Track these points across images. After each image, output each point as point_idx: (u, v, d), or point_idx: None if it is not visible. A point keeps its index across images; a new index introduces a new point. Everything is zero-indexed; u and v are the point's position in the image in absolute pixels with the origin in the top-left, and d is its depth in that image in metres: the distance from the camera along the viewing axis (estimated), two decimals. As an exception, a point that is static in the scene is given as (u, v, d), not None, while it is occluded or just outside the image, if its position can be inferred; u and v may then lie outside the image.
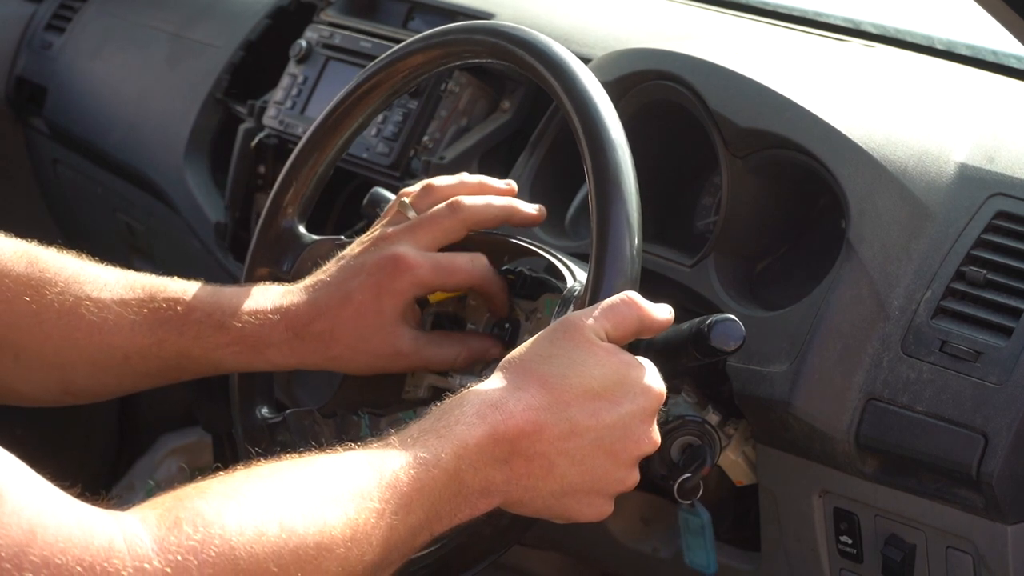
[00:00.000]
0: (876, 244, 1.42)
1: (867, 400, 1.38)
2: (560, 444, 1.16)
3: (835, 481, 1.43)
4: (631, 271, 1.27)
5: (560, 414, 1.16)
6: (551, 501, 1.19)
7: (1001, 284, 1.36)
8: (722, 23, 2.00)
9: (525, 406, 1.15)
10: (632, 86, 1.63)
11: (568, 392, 1.17)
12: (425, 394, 1.49)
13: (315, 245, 1.54)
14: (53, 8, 2.81)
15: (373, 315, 1.42)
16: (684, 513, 1.50)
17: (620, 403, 1.18)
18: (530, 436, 1.15)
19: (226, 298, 1.44)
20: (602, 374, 1.18)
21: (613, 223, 1.27)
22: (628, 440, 1.19)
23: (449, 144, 1.94)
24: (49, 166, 2.81)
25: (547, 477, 1.17)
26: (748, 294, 1.54)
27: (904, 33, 1.90)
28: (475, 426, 1.14)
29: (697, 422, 1.45)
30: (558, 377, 1.17)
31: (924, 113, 1.56)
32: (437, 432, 1.13)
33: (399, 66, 1.50)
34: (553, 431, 1.16)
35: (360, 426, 1.48)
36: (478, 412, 1.15)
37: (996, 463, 1.31)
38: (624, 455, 1.20)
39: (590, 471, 1.18)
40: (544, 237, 1.69)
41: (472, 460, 1.13)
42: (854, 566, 1.45)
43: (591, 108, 1.32)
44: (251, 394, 1.54)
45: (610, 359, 1.19)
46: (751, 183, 1.55)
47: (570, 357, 1.18)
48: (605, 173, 1.29)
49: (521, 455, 1.15)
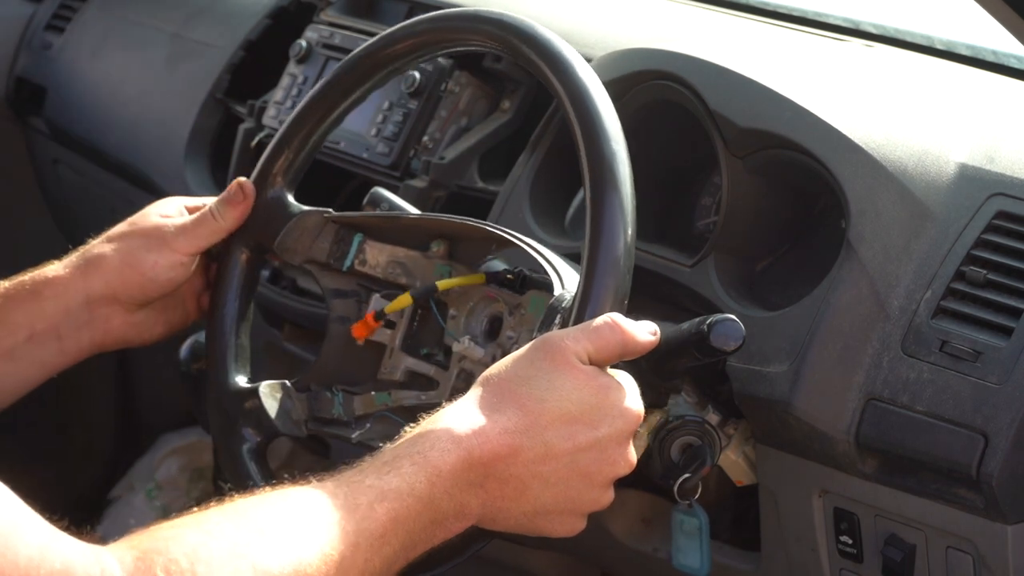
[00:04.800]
0: (876, 244, 1.42)
1: (867, 400, 1.38)
2: (535, 467, 1.16)
3: (835, 481, 1.43)
4: (621, 287, 1.26)
5: (536, 437, 1.16)
6: (523, 520, 1.19)
7: (1001, 284, 1.36)
8: (722, 23, 2.00)
9: (501, 429, 1.15)
10: (632, 86, 1.63)
11: (545, 415, 1.16)
12: (401, 377, 1.48)
13: (303, 216, 1.52)
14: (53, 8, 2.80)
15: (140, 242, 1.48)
16: (679, 514, 1.50)
17: (597, 426, 1.18)
18: (505, 459, 1.15)
19: None
20: (580, 397, 1.18)
21: (606, 236, 1.26)
22: (604, 463, 1.19)
23: (449, 144, 1.94)
24: (49, 166, 2.81)
25: (520, 499, 1.17)
26: (748, 294, 1.54)
27: (904, 33, 1.90)
28: (450, 452, 1.13)
29: (697, 422, 1.45)
30: (536, 400, 1.17)
31: (924, 113, 1.56)
32: (411, 458, 1.13)
33: (400, 46, 1.49)
34: (528, 454, 1.16)
35: (333, 403, 1.47)
36: (453, 436, 1.14)
37: (996, 463, 1.31)
38: (599, 477, 1.20)
39: (564, 492, 1.18)
40: (544, 236, 1.69)
41: (447, 486, 1.13)
42: (854, 566, 1.45)
43: (594, 113, 1.31)
44: (225, 359, 1.52)
45: (589, 382, 1.18)
46: (751, 183, 1.55)
47: (549, 379, 1.17)
48: (603, 183, 1.28)
49: (495, 478, 1.15)
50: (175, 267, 1.48)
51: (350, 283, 1.53)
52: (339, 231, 1.52)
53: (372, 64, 1.51)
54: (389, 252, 1.50)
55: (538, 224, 1.70)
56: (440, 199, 1.91)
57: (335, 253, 1.52)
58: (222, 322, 1.52)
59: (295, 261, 1.53)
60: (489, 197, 1.83)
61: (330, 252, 1.52)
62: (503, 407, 1.16)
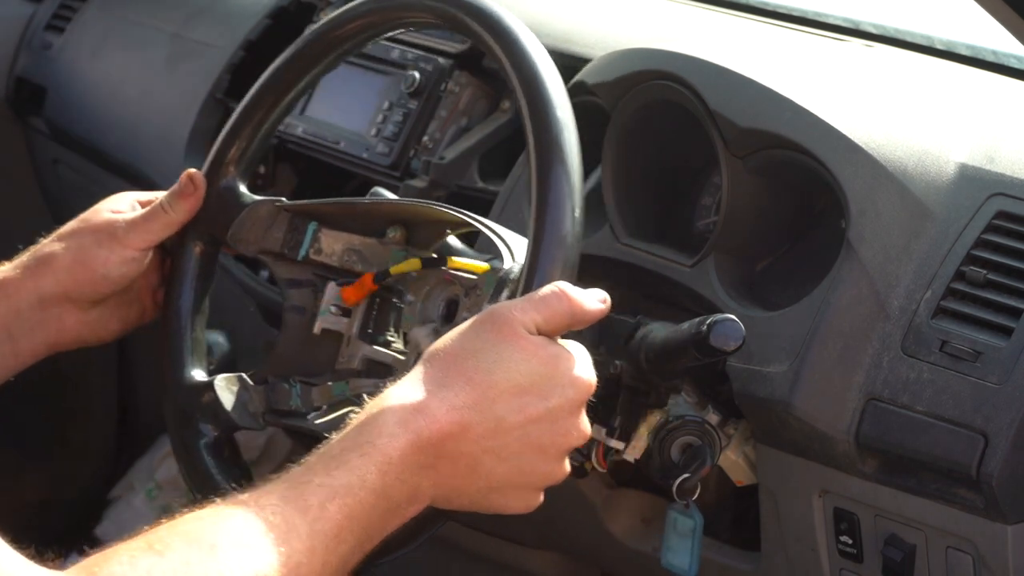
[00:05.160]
0: (876, 244, 1.42)
1: (867, 400, 1.38)
2: (486, 442, 1.14)
3: (835, 481, 1.43)
4: (568, 258, 1.23)
5: (486, 412, 1.13)
6: (477, 497, 1.16)
7: (1001, 284, 1.36)
8: (722, 23, 2.00)
9: (449, 406, 1.12)
10: (632, 86, 1.63)
11: (494, 388, 1.14)
12: (359, 366, 1.46)
13: (255, 206, 1.50)
14: (53, 8, 2.81)
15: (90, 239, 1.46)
16: (675, 513, 1.50)
17: (548, 397, 1.15)
18: (455, 437, 1.13)
19: None
20: (529, 368, 1.15)
21: (552, 207, 1.24)
22: (556, 434, 1.16)
23: (449, 144, 1.94)
24: (49, 166, 2.81)
25: (473, 476, 1.15)
26: (748, 294, 1.54)
27: (904, 33, 1.90)
28: (398, 436, 1.11)
29: (697, 422, 1.45)
30: (484, 373, 1.14)
31: (924, 113, 1.56)
32: (359, 449, 1.10)
33: (349, 27, 1.47)
34: (478, 430, 1.13)
35: (291, 395, 1.45)
36: (400, 420, 1.11)
37: (996, 463, 1.31)
38: (552, 449, 1.16)
39: (517, 467, 1.15)
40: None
41: (398, 473, 1.11)
42: (854, 566, 1.45)
43: (540, 84, 1.29)
44: (180, 353, 1.49)
45: (538, 352, 1.15)
46: (751, 183, 1.55)
47: (496, 351, 1.14)
48: (548, 153, 1.26)
49: (446, 457, 1.13)
50: (127, 263, 1.46)
51: (305, 272, 1.50)
52: (293, 220, 1.49)
53: (322, 47, 1.49)
54: (344, 240, 1.48)
55: (538, 224, 1.70)
56: (440, 199, 1.91)
57: (289, 242, 1.49)
58: (177, 316, 1.50)
59: (249, 252, 1.50)
60: (489, 197, 1.83)
61: (284, 241, 1.49)
62: (449, 382, 1.13)
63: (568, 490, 1.65)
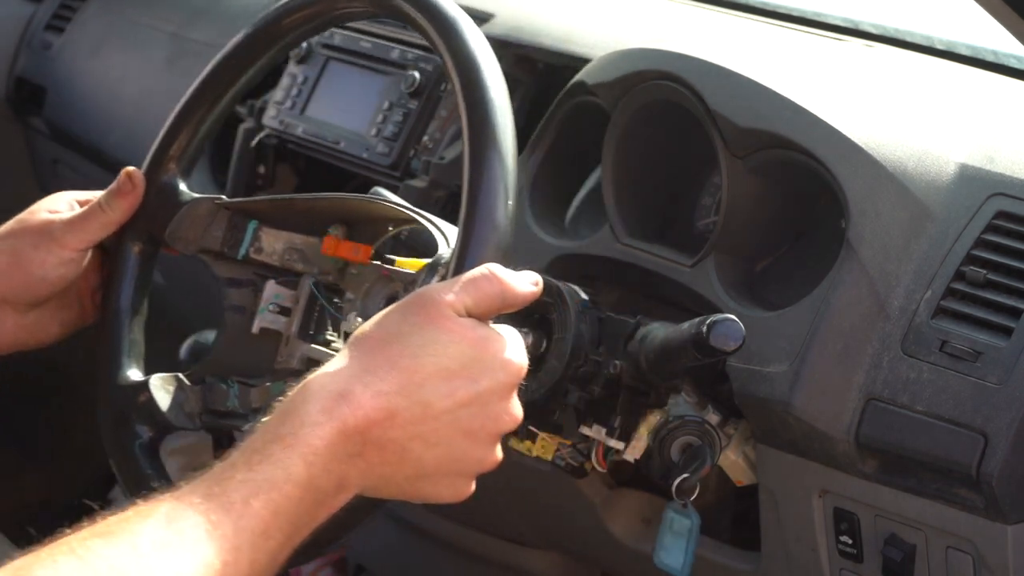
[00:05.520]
0: (876, 244, 1.42)
1: (867, 400, 1.38)
2: (413, 428, 1.09)
3: (835, 481, 1.43)
4: (501, 241, 1.21)
5: (413, 397, 1.09)
6: (406, 485, 1.12)
7: (1001, 284, 1.36)
8: (722, 23, 2.00)
9: (374, 392, 1.08)
10: (632, 86, 1.63)
11: (421, 372, 1.09)
12: (298, 365, 1.43)
13: (195, 203, 1.47)
14: (53, 8, 2.81)
15: None
16: (672, 512, 1.50)
17: (477, 380, 1.11)
18: (382, 424, 1.08)
19: None
20: (458, 351, 1.11)
21: (484, 189, 1.22)
22: (487, 418, 1.12)
23: (449, 144, 1.94)
24: (49, 166, 2.81)
25: (401, 463, 1.10)
26: (748, 294, 1.54)
27: (904, 33, 1.90)
28: (322, 425, 1.06)
29: (697, 422, 1.45)
30: (410, 356, 1.10)
31: (924, 113, 1.56)
32: (282, 441, 1.06)
33: (288, 21, 1.45)
34: (406, 415, 1.09)
35: (229, 395, 1.43)
36: (324, 407, 1.07)
37: (996, 463, 1.31)
38: (482, 434, 1.12)
39: (446, 453, 1.11)
40: (544, 236, 1.69)
41: (324, 463, 1.06)
42: (854, 566, 1.45)
43: (474, 66, 1.26)
44: (117, 353, 1.46)
45: (467, 335, 1.11)
46: (751, 183, 1.55)
47: (423, 334, 1.11)
48: (481, 135, 1.23)
49: (373, 444, 1.08)
50: (65, 264, 1.43)
51: (246, 272, 1.48)
52: (232, 218, 1.47)
53: (263, 43, 1.47)
54: (285, 239, 1.46)
55: (538, 224, 1.70)
56: (440, 199, 1.91)
57: (229, 241, 1.47)
58: (115, 316, 1.47)
59: (188, 251, 1.48)
60: (489, 197, 1.82)
61: (224, 240, 1.47)
62: (374, 367, 1.09)
63: (568, 490, 1.65)
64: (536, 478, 1.67)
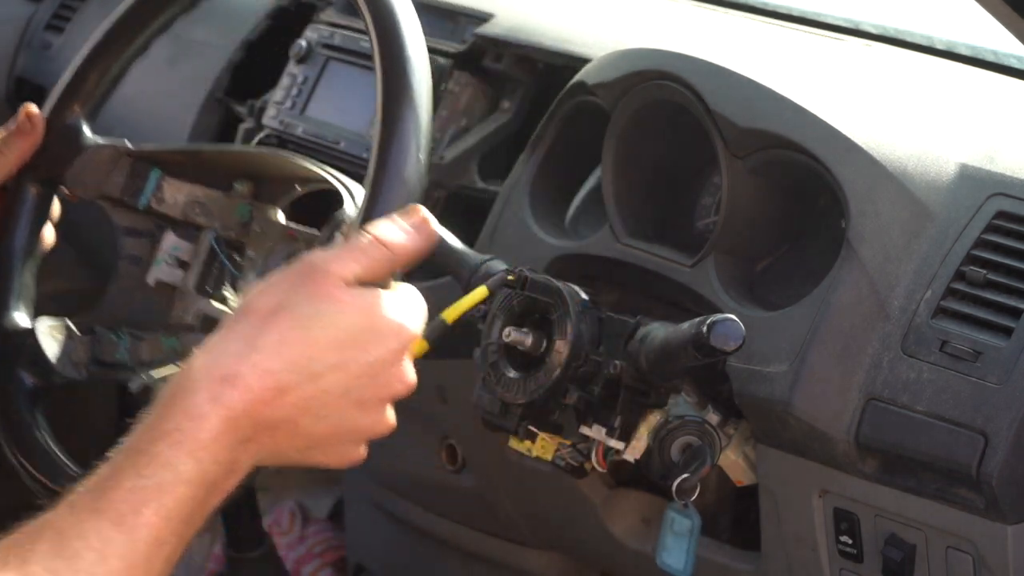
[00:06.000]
0: (876, 244, 1.42)
1: (867, 400, 1.38)
2: (304, 403, 1.06)
3: (835, 481, 1.42)
4: (409, 197, 1.16)
5: (303, 372, 1.05)
6: (295, 456, 1.09)
7: (1001, 284, 1.36)
8: (722, 23, 2.00)
9: (263, 371, 1.03)
10: (632, 86, 1.63)
11: (311, 346, 1.05)
12: (193, 321, 1.40)
13: (98, 148, 1.43)
14: (53, 8, 2.80)
15: None
16: (673, 512, 1.50)
17: (368, 350, 1.08)
18: (271, 404, 1.04)
19: None
20: (348, 322, 1.07)
21: (395, 145, 1.16)
22: (378, 387, 1.09)
23: (449, 144, 1.94)
24: (49, 166, 2.81)
25: (293, 437, 1.07)
26: (748, 294, 1.54)
27: (904, 33, 1.90)
28: (208, 417, 1.02)
29: (697, 422, 1.45)
30: (300, 329, 1.05)
31: (924, 113, 1.56)
32: (168, 438, 1.01)
33: None
34: (296, 392, 1.05)
35: (118, 347, 1.40)
36: (210, 395, 1.02)
37: (996, 463, 1.31)
38: (374, 402, 1.10)
39: (337, 423, 1.08)
40: (544, 236, 1.69)
41: (213, 455, 1.02)
42: (854, 566, 1.45)
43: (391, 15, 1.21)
44: (6, 295, 1.42)
45: (355, 303, 1.08)
46: (751, 183, 1.55)
47: (312, 306, 1.06)
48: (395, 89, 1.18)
49: (264, 426, 1.04)
50: None
51: (145, 222, 1.44)
52: (135, 165, 1.43)
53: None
54: (188, 191, 1.42)
55: (538, 224, 1.70)
56: (440, 199, 1.91)
57: (130, 189, 1.43)
58: (7, 257, 1.43)
59: (88, 196, 1.44)
60: (489, 197, 1.83)
61: (125, 187, 1.43)
62: (262, 344, 1.04)
63: (568, 490, 1.65)
64: (536, 478, 1.67)
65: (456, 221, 1.73)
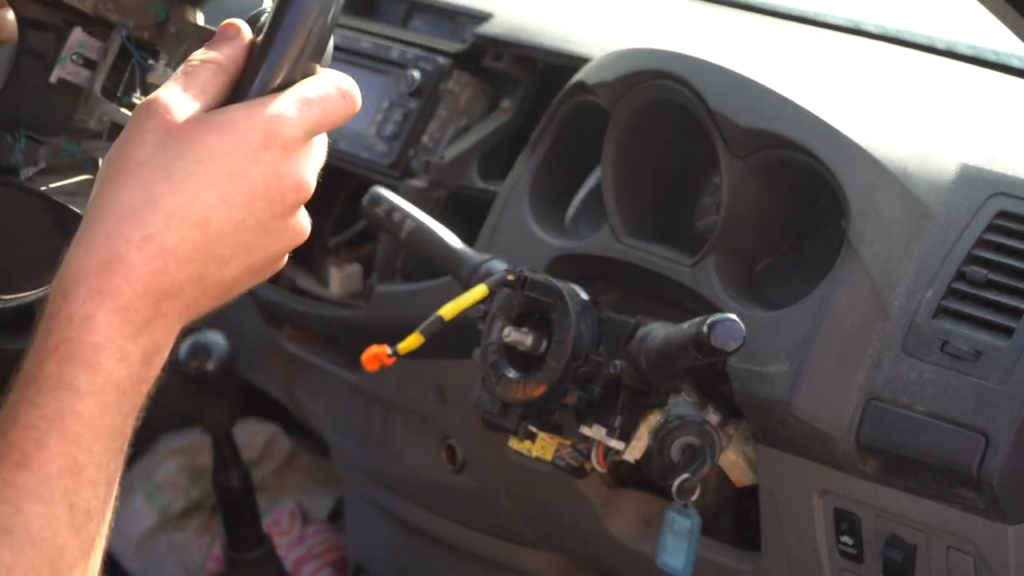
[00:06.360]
0: (877, 244, 1.42)
1: (868, 400, 1.38)
2: (200, 255, 0.95)
3: (835, 481, 1.42)
4: None
5: (184, 223, 0.94)
6: (219, 301, 0.98)
7: (1002, 284, 1.36)
8: (722, 23, 2.00)
9: (141, 240, 0.92)
10: (632, 86, 1.63)
11: (183, 191, 0.94)
12: (96, 126, 1.30)
13: None
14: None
15: None
16: (673, 513, 1.50)
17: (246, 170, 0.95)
18: (165, 272, 0.93)
19: None
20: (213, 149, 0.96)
21: None
22: (273, 202, 0.97)
23: (449, 144, 1.94)
24: (49, 166, 2.80)
25: (207, 290, 0.96)
26: (748, 294, 1.53)
27: (905, 33, 1.90)
28: (94, 316, 0.91)
29: (697, 423, 1.45)
30: (164, 179, 0.94)
31: (925, 112, 1.56)
32: (55, 352, 0.91)
33: None
34: (186, 248, 0.94)
35: (14, 149, 1.30)
36: (90, 291, 0.91)
37: (997, 463, 1.30)
38: (276, 219, 0.98)
39: (246, 256, 0.97)
40: (544, 236, 1.69)
41: (117, 354, 0.92)
42: (855, 566, 1.44)
43: None
44: None
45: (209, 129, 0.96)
46: (751, 183, 1.54)
47: (170, 150, 0.95)
48: None
49: (167, 295, 0.94)
50: None
51: (52, 15, 1.33)
52: None
53: None
54: None
55: (538, 224, 1.70)
56: (440, 199, 1.91)
57: None
58: None
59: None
60: (489, 197, 1.83)
61: None
62: (132, 208, 0.93)
63: (568, 490, 1.65)
64: (536, 478, 1.67)
65: (456, 221, 1.73)
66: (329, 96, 1.00)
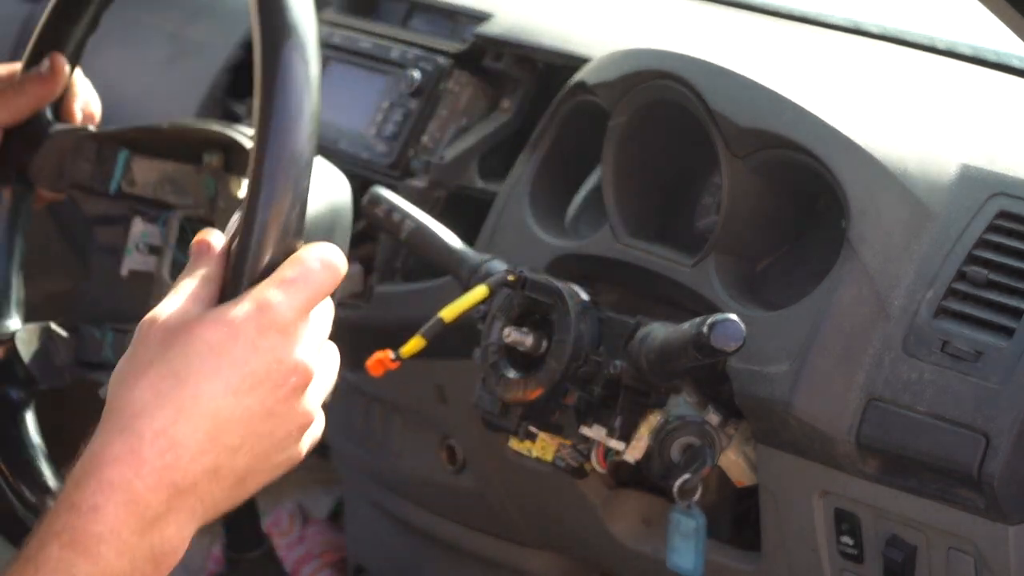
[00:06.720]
0: (877, 244, 1.42)
1: (868, 400, 1.38)
2: (211, 446, 0.97)
3: (836, 481, 1.42)
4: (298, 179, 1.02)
5: (194, 415, 0.96)
6: (236, 495, 1.01)
7: (1002, 284, 1.36)
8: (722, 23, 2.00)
9: (153, 434, 0.95)
10: (632, 86, 1.63)
11: (189, 384, 0.97)
12: None
13: (60, 134, 1.37)
14: (52, 8, 2.80)
15: None
16: (677, 514, 1.50)
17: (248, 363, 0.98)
18: (176, 466, 0.95)
19: None
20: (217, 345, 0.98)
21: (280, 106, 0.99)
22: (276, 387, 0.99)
23: (449, 144, 1.94)
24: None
25: (218, 483, 0.98)
26: (748, 294, 1.53)
27: (905, 32, 1.90)
28: (102, 507, 0.93)
29: (697, 423, 1.45)
30: (171, 377, 0.97)
31: (925, 112, 1.56)
32: (58, 538, 0.93)
33: None
34: (197, 439, 0.96)
35: (103, 345, 1.34)
36: (101, 481, 0.94)
37: (997, 464, 1.30)
38: (282, 403, 1.00)
39: (256, 444, 0.99)
40: (544, 237, 1.68)
41: (120, 547, 0.93)
42: (855, 567, 1.44)
43: None
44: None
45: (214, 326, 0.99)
46: (752, 183, 1.54)
47: (175, 349, 0.98)
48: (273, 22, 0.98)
49: (181, 490, 0.96)
50: None
51: (117, 208, 1.38)
52: (101, 149, 1.37)
53: None
54: (159, 168, 1.36)
55: (538, 224, 1.70)
56: (440, 199, 1.91)
57: (99, 174, 1.37)
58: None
59: (57, 187, 1.37)
60: (489, 197, 1.83)
61: (93, 173, 1.37)
62: (142, 406, 0.96)
63: (568, 490, 1.65)
64: (536, 479, 1.67)
65: (456, 221, 1.73)
66: (311, 271, 1.02)
